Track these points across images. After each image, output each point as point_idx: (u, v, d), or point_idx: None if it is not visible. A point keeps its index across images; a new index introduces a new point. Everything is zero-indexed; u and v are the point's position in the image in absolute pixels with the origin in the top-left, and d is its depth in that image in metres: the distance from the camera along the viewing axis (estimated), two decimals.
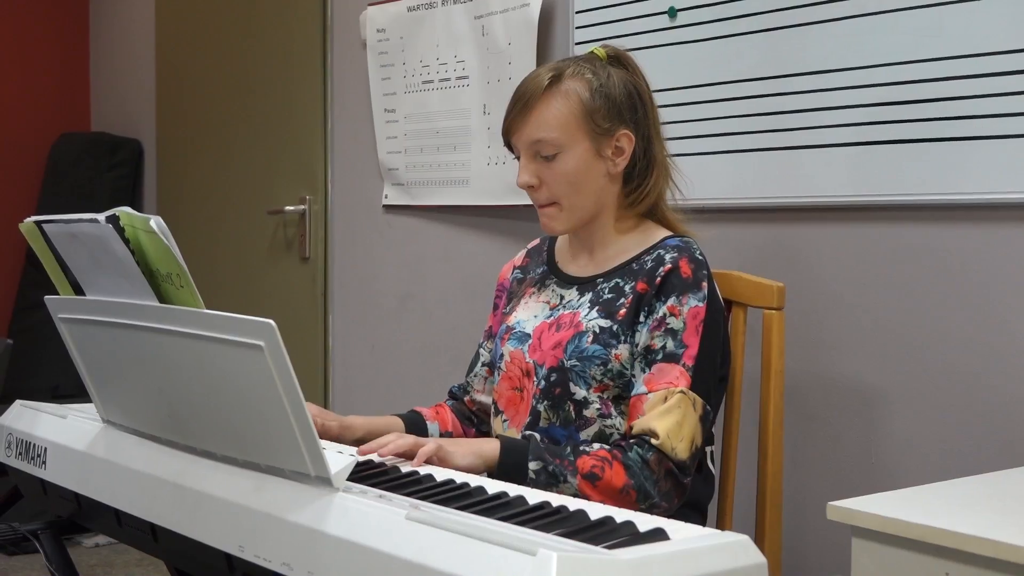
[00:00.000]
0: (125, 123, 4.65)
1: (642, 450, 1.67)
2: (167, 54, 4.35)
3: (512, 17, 2.78)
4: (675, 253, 1.77)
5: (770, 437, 1.89)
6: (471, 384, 2.02)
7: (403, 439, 1.61)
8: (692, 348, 1.72)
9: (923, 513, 1.27)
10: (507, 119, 1.83)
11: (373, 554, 1.10)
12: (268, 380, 1.21)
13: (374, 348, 3.37)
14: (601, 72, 1.82)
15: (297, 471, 1.27)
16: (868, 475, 2.12)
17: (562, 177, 1.80)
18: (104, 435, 1.63)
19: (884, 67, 2.05)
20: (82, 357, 1.63)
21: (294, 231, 3.63)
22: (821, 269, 2.19)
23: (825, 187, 2.15)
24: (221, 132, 4.03)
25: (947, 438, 2.01)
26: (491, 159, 2.88)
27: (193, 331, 1.29)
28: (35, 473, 1.73)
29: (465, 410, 2.03)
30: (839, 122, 2.12)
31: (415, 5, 3.09)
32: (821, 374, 2.19)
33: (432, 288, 3.16)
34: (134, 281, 1.41)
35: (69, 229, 1.48)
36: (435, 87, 3.05)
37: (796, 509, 2.18)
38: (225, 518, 1.30)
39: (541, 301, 1.90)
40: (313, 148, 3.55)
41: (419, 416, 1.96)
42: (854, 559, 1.31)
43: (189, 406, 1.42)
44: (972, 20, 1.94)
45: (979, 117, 1.93)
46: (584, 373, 1.76)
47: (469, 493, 1.37)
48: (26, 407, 1.84)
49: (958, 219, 2.00)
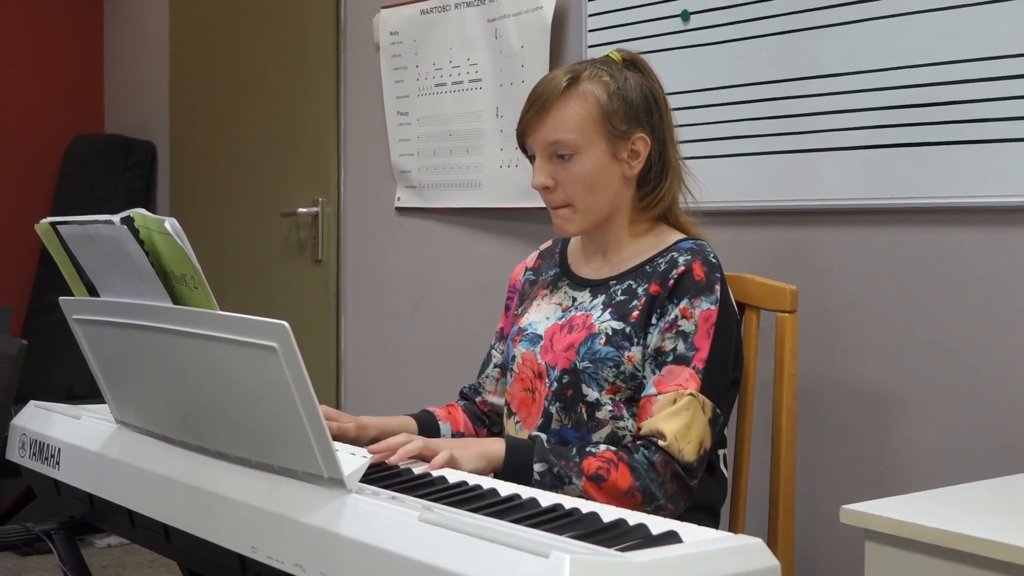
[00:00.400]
0: (139, 125, 4.67)
1: (648, 452, 1.66)
2: (181, 57, 4.37)
3: (525, 20, 2.78)
4: (688, 256, 1.77)
5: (783, 440, 1.88)
6: (483, 385, 2.03)
7: (413, 442, 1.61)
8: (703, 351, 1.71)
9: (937, 517, 1.27)
10: (523, 120, 1.83)
11: (386, 556, 1.10)
12: (281, 382, 1.22)
13: (387, 350, 3.37)
14: (618, 75, 1.81)
15: (310, 472, 1.27)
16: (882, 478, 2.12)
17: (578, 179, 1.80)
18: (117, 436, 1.63)
19: (898, 70, 2.05)
20: (96, 358, 1.63)
21: (307, 233, 3.64)
22: (835, 272, 2.19)
23: (839, 190, 2.15)
24: (234, 134, 4.04)
25: (961, 442, 2.01)
26: (504, 162, 2.88)
27: (207, 332, 1.30)
28: (49, 474, 1.73)
29: (477, 411, 2.03)
30: (853, 125, 2.12)
31: (428, 8, 3.10)
32: (834, 377, 2.18)
33: (444, 290, 3.16)
34: (148, 282, 1.41)
35: (84, 230, 1.49)
36: (448, 90, 3.05)
37: (809, 512, 2.17)
38: (238, 519, 1.31)
39: (553, 303, 1.89)
40: (326, 150, 3.55)
41: (431, 416, 1.96)
42: (868, 563, 1.31)
43: (202, 407, 1.42)
44: (987, 23, 1.93)
45: (994, 120, 1.93)
46: (596, 375, 1.75)
47: (482, 495, 1.37)
48: (40, 408, 1.85)
49: (973, 222, 1.99)
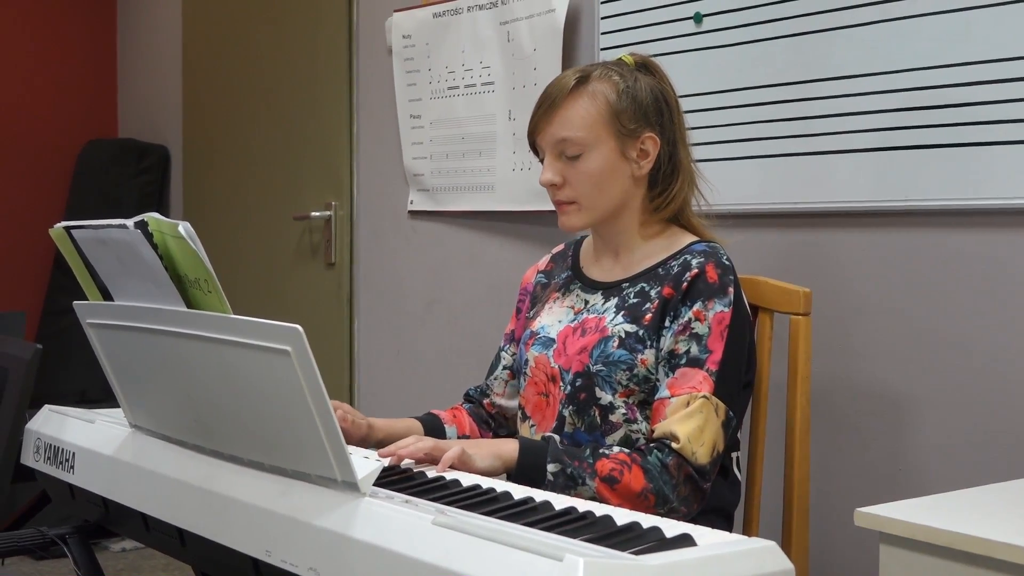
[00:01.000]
0: (152, 129, 4.68)
1: (662, 454, 1.66)
2: (193, 61, 4.38)
3: (537, 23, 2.78)
4: (702, 258, 1.77)
5: (797, 443, 1.88)
6: (491, 387, 2.02)
7: (423, 442, 1.61)
8: (716, 353, 1.71)
9: (952, 519, 1.27)
10: (533, 119, 1.84)
11: (400, 559, 1.10)
12: (295, 385, 1.22)
13: (399, 353, 3.37)
14: (628, 76, 1.82)
15: (324, 476, 1.27)
16: (896, 481, 2.11)
17: (586, 177, 1.80)
18: (132, 440, 1.64)
19: (910, 72, 2.04)
20: (110, 362, 1.64)
21: (320, 237, 3.64)
22: (848, 274, 2.18)
23: (852, 192, 2.14)
24: (247, 138, 4.05)
25: (976, 444, 2.00)
26: (516, 165, 2.88)
27: (220, 336, 1.30)
28: (63, 478, 1.74)
29: (483, 413, 2.02)
30: (865, 127, 2.11)
31: (441, 11, 3.10)
32: (848, 380, 2.18)
33: (457, 293, 3.16)
34: (162, 286, 1.42)
35: (98, 235, 1.49)
36: (460, 93, 3.05)
37: (823, 515, 2.17)
38: (252, 523, 1.31)
39: (565, 306, 1.89)
40: (339, 154, 3.56)
41: (436, 419, 1.96)
42: (882, 565, 1.30)
43: (216, 411, 1.42)
44: (998, 25, 1.93)
45: (1007, 122, 1.92)
46: (610, 378, 1.75)
47: (496, 498, 1.37)
48: (54, 412, 1.85)
49: (987, 224, 1.99)
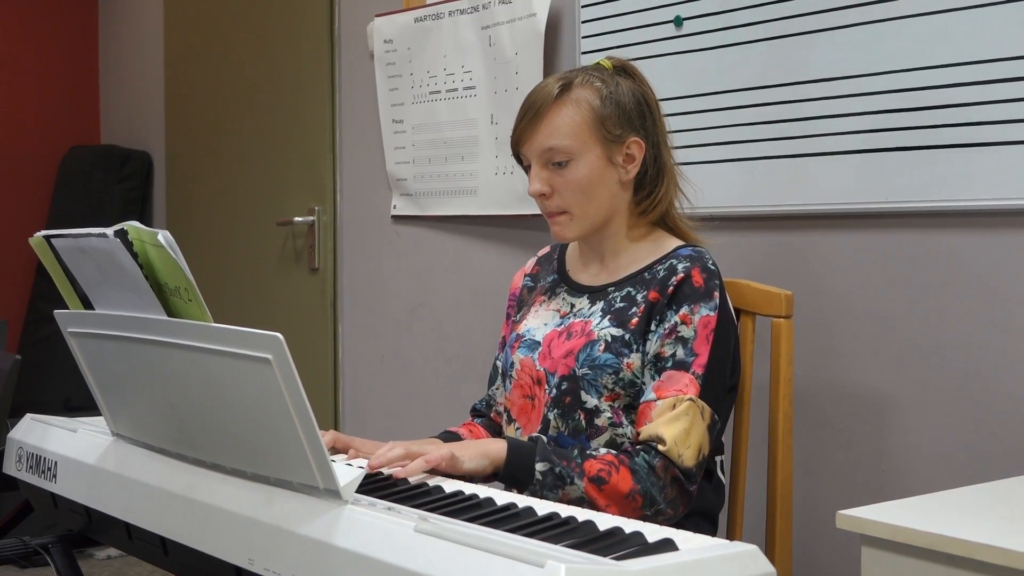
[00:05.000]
0: (134, 136, 4.67)
1: (648, 456, 1.66)
2: (176, 67, 4.37)
3: (519, 27, 2.78)
4: (688, 263, 1.77)
5: (780, 446, 1.88)
6: (495, 398, 2.00)
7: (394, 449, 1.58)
8: (702, 357, 1.71)
9: (934, 521, 1.27)
10: (516, 129, 1.83)
11: (382, 566, 1.10)
12: (276, 393, 1.22)
13: (384, 359, 3.37)
14: (609, 81, 1.82)
15: (306, 484, 1.27)
16: (878, 483, 2.12)
17: (574, 185, 1.80)
18: (114, 449, 1.63)
19: (890, 74, 2.05)
20: (92, 371, 1.63)
21: (303, 242, 3.64)
22: (829, 277, 2.19)
23: (832, 194, 2.15)
24: (230, 144, 4.04)
25: (958, 445, 2.01)
26: (499, 169, 2.88)
27: (201, 345, 1.30)
28: (46, 487, 1.73)
29: (495, 426, 2.00)
30: (846, 129, 2.12)
31: (422, 16, 3.10)
32: (830, 382, 2.19)
33: (441, 298, 3.16)
34: (142, 295, 1.41)
35: (78, 244, 1.49)
36: (442, 97, 3.05)
37: (806, 518, 2.17)
38: (235, 531, 1.31)
39: (551, 309, 1.89)
40: (322, 159, 3.55)
41: (456, 436, 1.93)
42: (864, 568, 1.31)
43: (198, 419, 1.42)
44: (978, 27, 1.94)
45: (986, 123, 1.93)
46: (596, 382, 1.76)
47: (478, 504, 1.37)
48: (37, 421, 1.85)
49: (966, 225, 1.99)
